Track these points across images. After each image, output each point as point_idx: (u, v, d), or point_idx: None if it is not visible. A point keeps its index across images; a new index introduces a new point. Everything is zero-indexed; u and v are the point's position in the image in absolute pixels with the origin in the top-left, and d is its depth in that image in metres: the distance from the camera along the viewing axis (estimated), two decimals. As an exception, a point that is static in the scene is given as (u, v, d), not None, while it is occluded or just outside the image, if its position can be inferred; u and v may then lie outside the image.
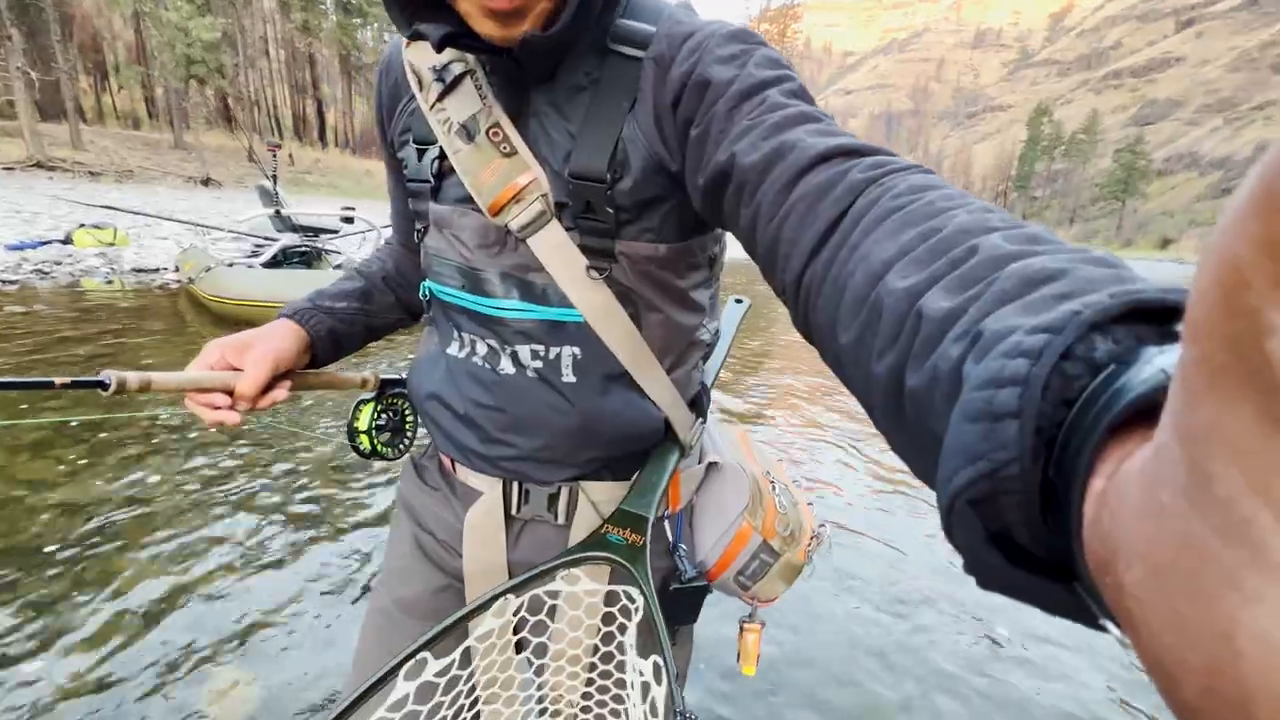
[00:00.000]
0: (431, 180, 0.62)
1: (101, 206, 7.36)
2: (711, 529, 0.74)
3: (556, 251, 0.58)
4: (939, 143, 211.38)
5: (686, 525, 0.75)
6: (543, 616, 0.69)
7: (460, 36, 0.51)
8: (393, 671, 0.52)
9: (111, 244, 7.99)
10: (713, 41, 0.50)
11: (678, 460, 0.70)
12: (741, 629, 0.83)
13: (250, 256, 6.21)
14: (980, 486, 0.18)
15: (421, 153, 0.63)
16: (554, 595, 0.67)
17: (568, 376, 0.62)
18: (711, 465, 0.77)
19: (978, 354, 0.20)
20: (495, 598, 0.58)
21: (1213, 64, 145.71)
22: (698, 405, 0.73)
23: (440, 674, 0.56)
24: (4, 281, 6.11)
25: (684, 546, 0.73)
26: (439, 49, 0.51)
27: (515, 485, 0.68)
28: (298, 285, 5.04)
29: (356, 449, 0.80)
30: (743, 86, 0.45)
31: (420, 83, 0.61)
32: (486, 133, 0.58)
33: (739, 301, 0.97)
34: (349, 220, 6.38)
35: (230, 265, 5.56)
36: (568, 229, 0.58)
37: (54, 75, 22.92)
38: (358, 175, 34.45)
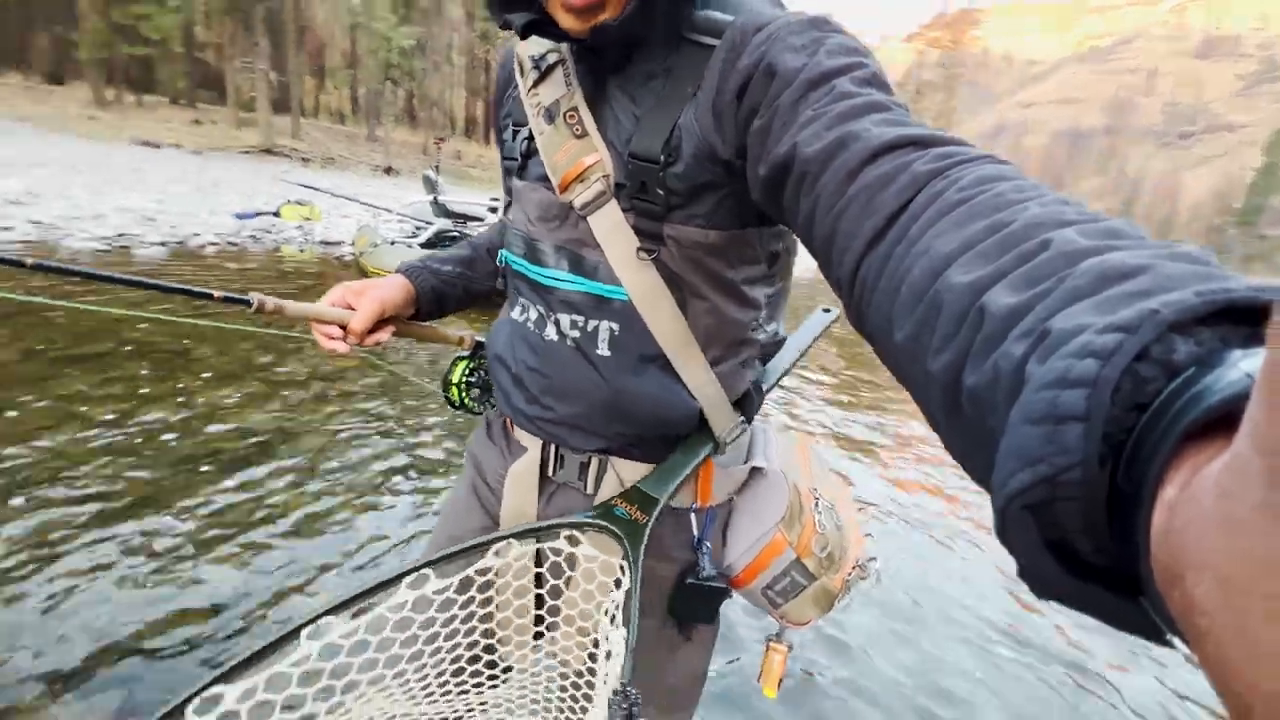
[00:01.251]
0: (519, 159, 0.68)
1: (303, 186, 8.71)
2: (745, 535, 0.73)
3: (612, 231, 0.60)
4: (1139, 164, 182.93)
5: (720, 524, 0.75)
6: (559, 582, 0.72)
7: (542, 24, 0.56)
8: (399, 578, 0.58)
9: (309, 219, 9.38)
10: (785, 30, 0.49)
11: (708, 453, 0.69)
12: (767, 646, 0.80)
13: (410, 237, 7.01)
14: (1038, 491, 0.17)
15: (516, 134, 0.69)
16: (572, 563, 0.69)
17: (602, 350, 0.65)
18: (755, 470, 0.75)
19: (1043, 353, 0.19)
20: (495, 540, 0.62)
21: None
22: (745, 404, 0.71)
23: (438, 593, 0.61)
24: (229, 243, 7.44)
25: (708, 544, 0.73)
26: (523, 36, 0.57)
27: (553, 448, 0.73)
28: None
29: (447, 399, 0.90)
30: (810, 75, 0.44)
31: (522, 70, 0.67)
32: (564, 116, 0.62)
33: (827, 310, 0.92)
34: (494, 210, 7.00)
35: (393, 243, 6.32)
36: (624, 210, 0.60)
37: (287, 77, 27.42)
38: (513, 171, 37.13)
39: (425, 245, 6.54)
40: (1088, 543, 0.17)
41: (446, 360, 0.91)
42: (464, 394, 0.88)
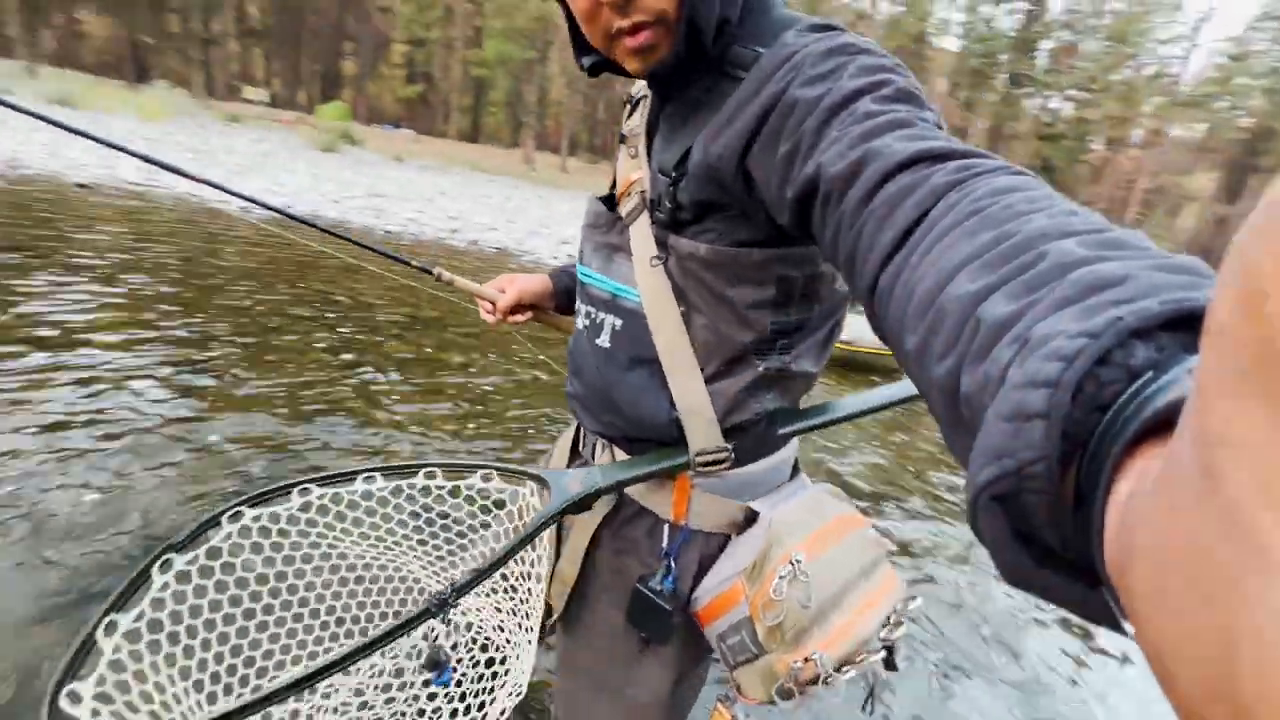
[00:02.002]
0: (614, 179, 0.77)
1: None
2: (719, 572, 0.71)
3: (641, 239, 0.65)
4: None
5: (705, 553, 0.73)
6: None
7: (605, 65, 0.63)
8: (417, 469, 0.77)
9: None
10: (808, 61, 0.49)
11: (678, 467, 0.68)
12: (716, 704, 0.73)
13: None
14: (1004, 483, 0.19)
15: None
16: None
17: (603, 341, 0.70)
18: (751, 514, 0.71)
19: (1023, 358, 0.21)
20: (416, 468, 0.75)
21: None
22: (742, 435, 0.68)
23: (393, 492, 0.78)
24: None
25: (674, 561, 0.71)
26: (592, 75, 0.66)
27: (581, 426, 0.81)
28: None
29: None
30: (834, 100, 0.44)
31: (623, 105, 0.77)
32: (630, 139, 0.70)
33: None
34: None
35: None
36: (651, 222, 0.65)
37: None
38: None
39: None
40: (1053, 535, 0.18)
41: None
42: None
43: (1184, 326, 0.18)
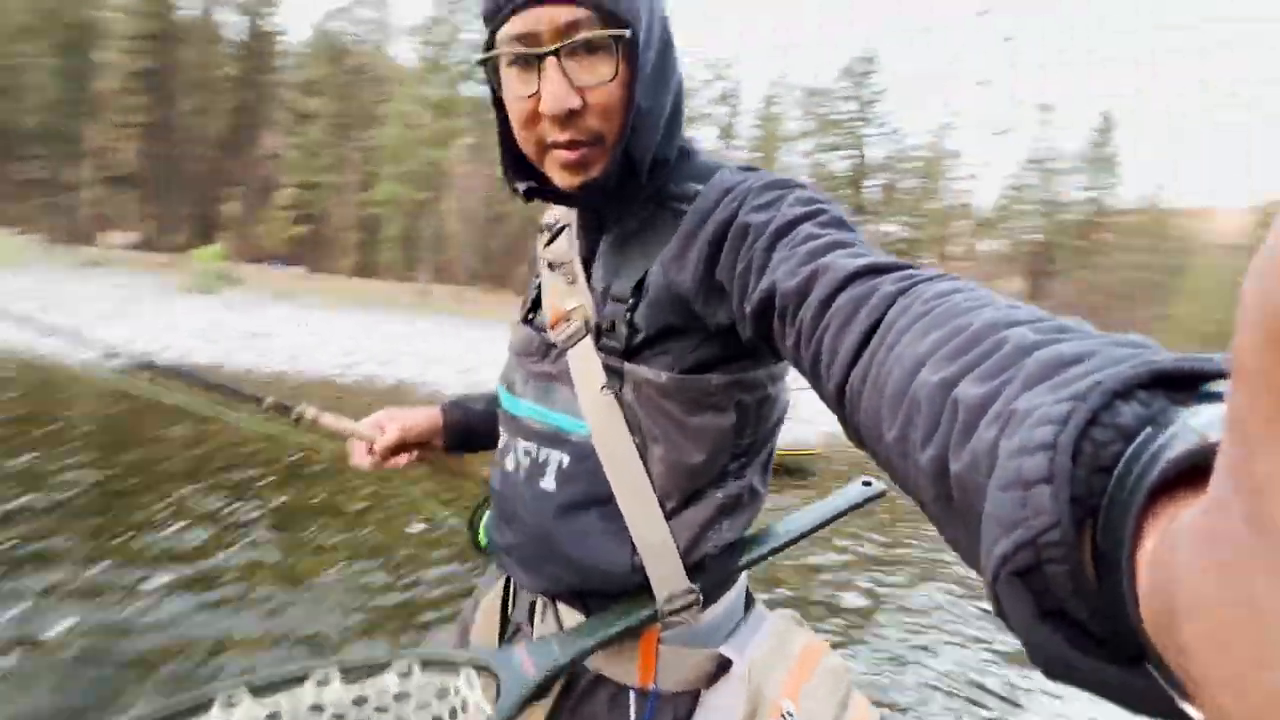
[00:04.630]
0: (530, 304, 0.74)
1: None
2: None
3: (584, 366, 0.63)
4: None
5: (667, 712, 0.64)
6: None
7: (541, 190, 0.64)
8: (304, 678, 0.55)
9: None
10: (751, 194, 0.54)
11: (645, 622, 0.61)
12: None
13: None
14: (1022, 555, 0.18)
15: (537, 286, 0.75)
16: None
17: (547, 483, 0.65)
18: (724, 662, 0.64)
19: (1010, 431, 0.21)
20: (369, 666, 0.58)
21: None
22: (703, 571, 0.63)
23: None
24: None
25: None
26: (526, 200, 0.66)
27: (511, 583, 0.74)
28: None
29: (473, 539, 0.86)
30: (778, 225, 0.49)
31: (541, 232, 0.78)
32: (561, 266, 0.69)
33: (867, 484, 0.78)
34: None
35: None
36: (598, 349, 0.63)
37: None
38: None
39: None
40: (1082, 607, 0.17)
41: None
42: (486, 537, 0.80)
43: (1159, 386, 0.18)
